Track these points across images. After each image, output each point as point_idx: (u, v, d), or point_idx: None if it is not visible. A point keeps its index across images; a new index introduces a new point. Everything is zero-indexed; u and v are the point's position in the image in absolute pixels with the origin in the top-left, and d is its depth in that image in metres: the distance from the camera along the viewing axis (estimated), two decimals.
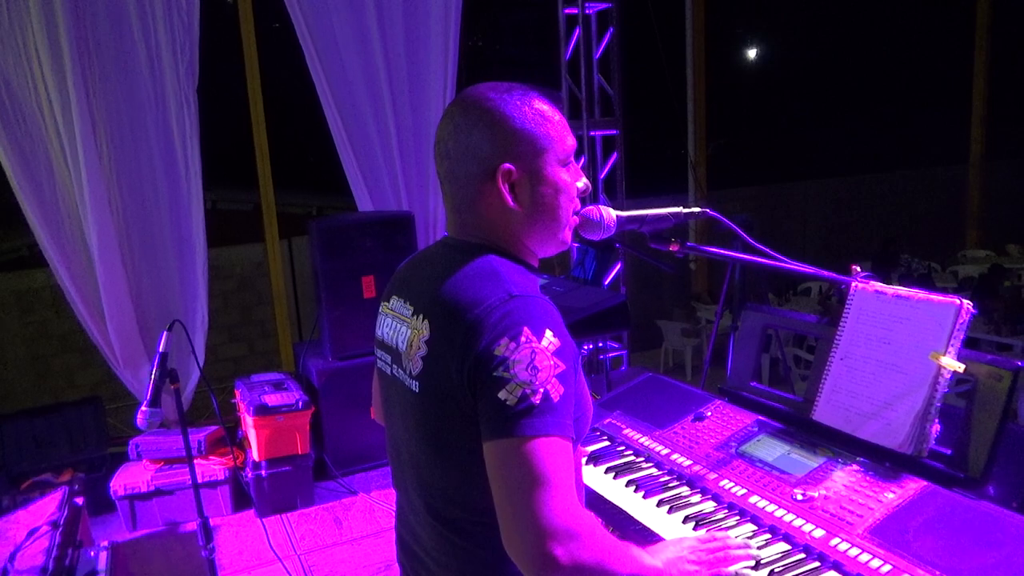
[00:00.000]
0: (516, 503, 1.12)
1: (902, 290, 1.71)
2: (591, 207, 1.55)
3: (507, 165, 1.26)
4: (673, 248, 1.66)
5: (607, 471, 1.88)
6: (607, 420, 2.12)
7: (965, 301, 1.59)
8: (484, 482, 1.17)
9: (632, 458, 1.92)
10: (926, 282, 7.50)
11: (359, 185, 5.29)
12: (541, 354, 1.14)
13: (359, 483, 4.40)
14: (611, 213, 1.57)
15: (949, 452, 1.57)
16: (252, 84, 5.41)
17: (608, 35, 5.57)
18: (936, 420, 1.58)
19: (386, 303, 1.44)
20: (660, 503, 1.70)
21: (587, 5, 5.41)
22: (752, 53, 10.54)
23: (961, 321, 1.59)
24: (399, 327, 1.36)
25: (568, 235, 1.38)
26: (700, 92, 8.22)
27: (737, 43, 10.38)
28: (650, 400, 2.15)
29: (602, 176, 5.68)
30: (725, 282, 3.12)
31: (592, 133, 5.56)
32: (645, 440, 1.97)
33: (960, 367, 1.55)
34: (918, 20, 10.26)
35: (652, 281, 7.75)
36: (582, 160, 5.65)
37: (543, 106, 1.30)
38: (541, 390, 1.13)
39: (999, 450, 1.63)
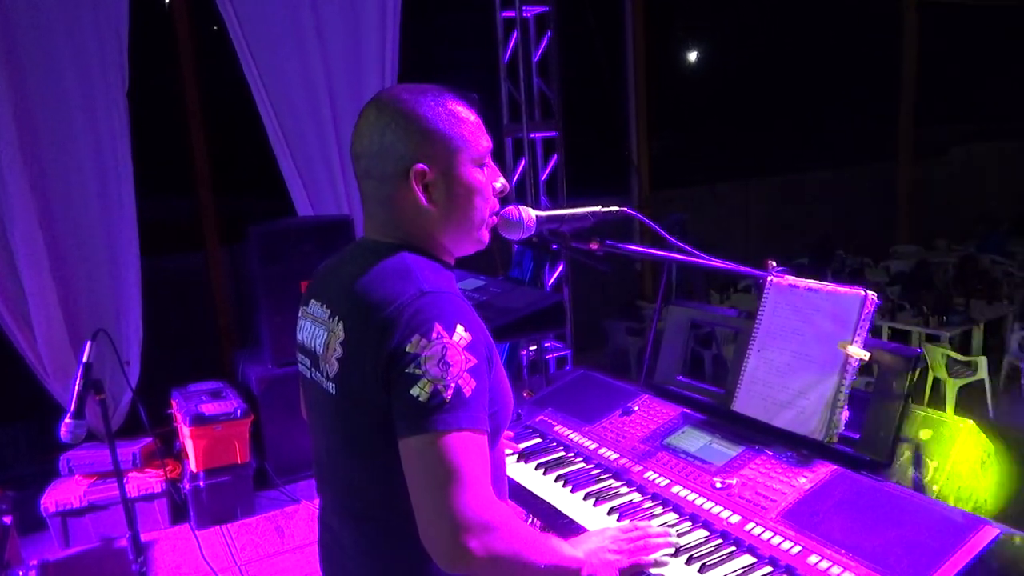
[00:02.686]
0: (430, 498, 1.13)
1: (813, 283, 1.78)
2: (510, 207, 1.58)
3: (420, 165, 1.27)
4: (593, 247, 1.70)
5: (537, 467, 1.90)
6: (539, 417, 2.15)
7: (870, 292, 1.66)
8: (403, 480, 1.18)
9: (562, 454, 1.95)
10: (858, 277, 7.75)
11: (298, 189, 5.23)
12: (452, 349, 1.16)
13: (302, 491, 4.34)
14: (530, 213, 1.60)
15: (857, 437, 1.63)
16: (189, 86, 5.31)
17: (546, 38, 5.62)
18: (845, 406, 1.64)
19: (305, 307, 1.44)
20: (587, 496, 1.73)
21: (524, 8, 5.46)
22: (693, 54, 10.73)
23: (866, 311, 1.65)
24: (317, 330, 1.36)
25: (485, 234, 1.40)
26: (641, 93, 8.35)
27: (678, 44, 10.56)
28: (581, 396, 2.18)
29: (543, 178, 5.73)
30: (662, 281, 3.18)
31: (532, 135, 5.61)
32: (575, 436, 2.00)
33: (866, 355, 1.62)
34: (849, 23, 10.61)
35: (598, 281, 7.83)
36: (522, 162, 5.69)
37: (457, 107, 1.32)
38: (453, 385, 1.14)
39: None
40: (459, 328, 1.18)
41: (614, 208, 1.71)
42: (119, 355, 2.76)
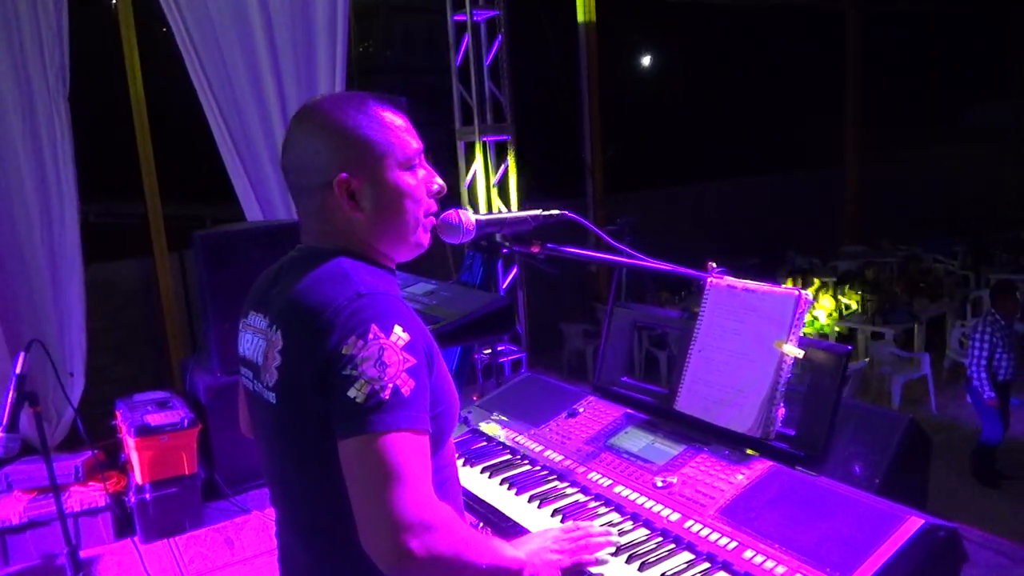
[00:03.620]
0: (369, 499, 1.13)
1: (750, 284, 1.81)
2: (450, 211, 1.58)
3: (343, 175, 1.27)
4: (534, 250, 1.71)
5: (483, 471, 1.90)
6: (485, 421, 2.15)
7: (804, 292, 1.70)
8: (345, 485, 1.17)
9: (508, 457, 1.95)
10: (806, 277, 7.93)
11: (247, 194, 5.15)
12: (390, 349, 1.15)
13: (252, 501, 4.27)
14: (470, 216, 1.60)
15: (793, 433, 1.67)
16: (135, 91, 5.20)
17: (497, 42, 5.64)
18: (781, 404, 1.68)
19: (244, 319, 1.42)
20: (532, 498, 1.74)
21: (475, 12, 5.47)
22: (646, 60, 10.88)
23: (800, 310, 1.69)
24: (257, 341, 1.35)
25: (423, 238, 1.39)
26: (595, 98, 8.42)
27: (631, 50, 10.70)
28: (527, 399, 2.19)
29: (496, 181, 5.74)
30: (612, 283, 3.22)
31: (484, 139, 5.62)
32: (521, 438, 2.01)
33: (800, 353, 1.66)
34: (796, 31, 10.87)
35: (554, 284, 7.87)
36: (475, 165, 5.69)
37: (381, 112, 1.32)
38: (390, 385, 1.14)
39: (859, 430, 1.76)
40: (397, 328, 1.18)
41: (555, 212, 1.72)
42: (55, 366, 2.68)
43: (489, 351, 5.44)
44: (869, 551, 1.32)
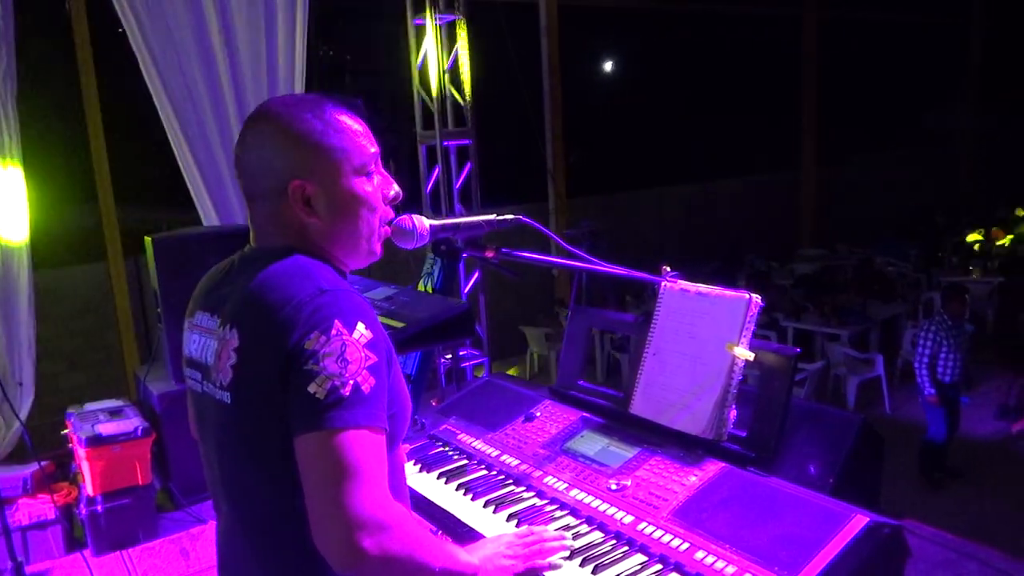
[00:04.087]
0: (324, 496, 1.11)
1: (702, 287, 1.84)
2: (404, 216, 1.57)
3: (297, 182, 1.26)
4: (488, 255, 1.71)
5: (439, 476, 1.90)
6: (443, 426, 2.14)
7: (754, 295, 1.73)
8: (299, 483, 1.15)
9: (465, 462, 1.95)
10: (765, 279, 8.06)
11: (203, 199, 5.06)
12: (352, 346, 1.15)
13: (208, 511, 4.19)
14: (424, 222, 1.60)
15: (744, 434, 1.70)
16: (88, 92, 5.08)
17: (458, 46, 5.64)
18: (733, 405, 1.70)
19: (191, 319, 1.40)
20: (487, 504, 1.73)
21: (436, 16, 5.46)
22: (608, 65, 10.96)
23: (751, 313, 1.71)
24: (206, 341, 1.32)
25: (377, 246, 1.38)
26: (557, 103, 8.47)
27: (592, 55, 10.77)
28: (485, 404, 2.19)
29: (457, 186, 5.73)
30: (573, 288, 3.24)
31: (445, 143, 5.61)
32: (478, 443, 2.01)
33: (750, 355, 1.68)
34: (755, 39, 11.06)
35: (517, 288, 7.89)
36: (436, 169, 5.68)
37: (337, 116, 1.30)
38: (351, 382, 1.13)
39: (814, 430, 1.79)
40: (360, 325, 1.17)
41: (509, 216, 1.72)
42: (0, 375, 2.60)
43: (451, 356, 5.42)
44: (816, 549, 1.34)
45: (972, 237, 10.42)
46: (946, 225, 11.85)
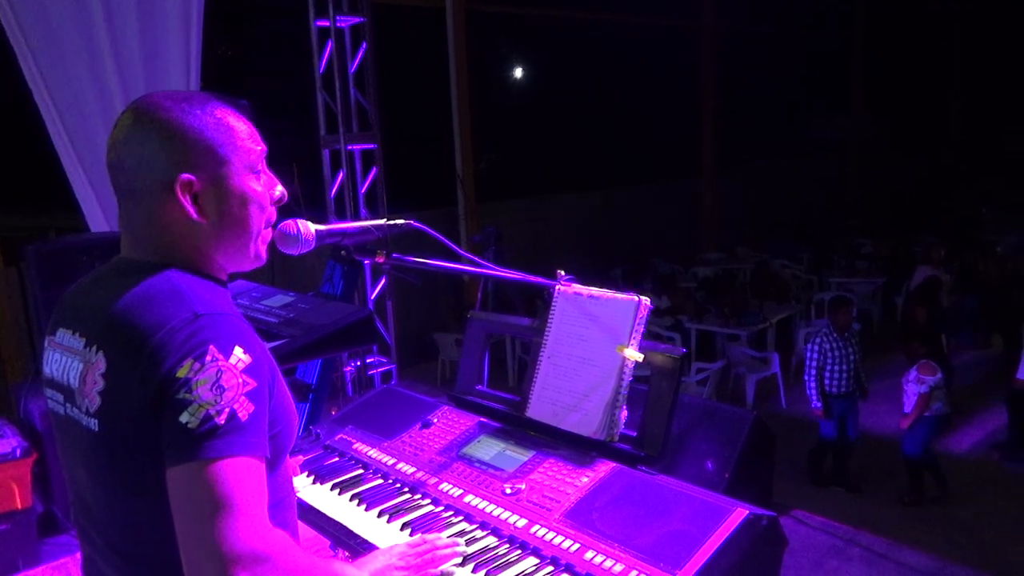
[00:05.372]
0: (197, 530, 1.06)
1: (595, 290, 1.87)
2: (288, 221, 1.53)
3: (186, 176, 1.20)
4: (379, 260, 1.68)
5: (333, 487, 1.85)
6: (338, 436, 2.10)
7: (643, 298, 1.77)
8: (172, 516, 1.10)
9: (360, 472, 1.91)
10: (670, 283, 8.30)
11: (90, 203, 4.79)
12: (229, 372, 1.10)
13: None
14: (310, 227, 1.56)
15: (635, 434, 1.73)
16: None
17: (362, 49, 5.56)
18: (624, 406, 1.74)
19: (52, 337, 1.31)
20: (381, 513, 1.71)
21: (339, 18, 5.36)
22: (517, 72, 11.06)
23: (640, 315, 1.76)
24: (69, 362, 1.24)
25: (262, 249, 1.34)
26: (465, 108, 8.48)
27: (501, 62, 10.84)
28: (382, 412, 2.16)
29: (363, 191, 5.65)
30: (479, 295, 3.24)
31: (350, 147, 5.52)
32: (373, 452, 1.97)
33: (640, 357, 1.72)
34: (658, 49, 11.40)
35: (428, 294, 7.84)
36: (341, 174, 5.58)
37: (225, 114, 1.26)
38: (227, 409, 1.09)
39: (711, 427, 1.85)
40: (237, 350, 1.12)
41: (400, 221, 1.71)
42: None
43: (359, 363, 5.33)
44: (699, 544, 1.38)
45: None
46: (835, 228, 12.53)
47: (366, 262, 1.66)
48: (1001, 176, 15.44)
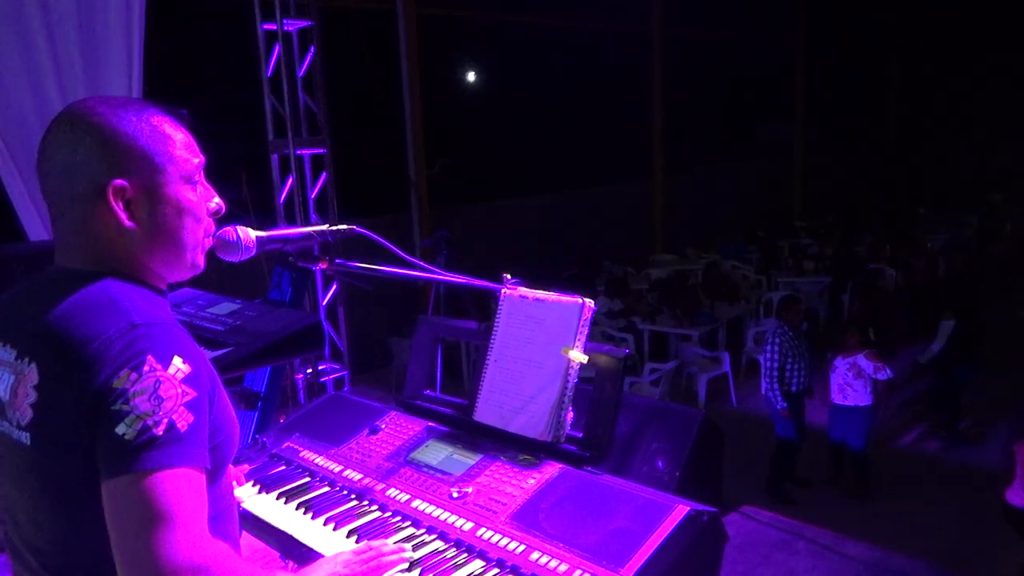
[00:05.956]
0: (134, 544, 1.04)
1: (540, 293, 1.89)
2: (227, 228, 1.52)
3: (119, 181, 1.18)
4: (322, 266, 1.67)
5: (279, 496, 1.83)
6: (285, 444, 2.07)
7: (587, 300, 1.79)
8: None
9: (307, 480, 1.89)
10: (622, 285, 8.40)
11: (27, 211, 4.64)
12: (167, 382, 1.08)
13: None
14: (250, 234, 1.55)
15: (580, 435, 1.75)
16: None
17: (310, 53, 5.51)
18: (570, 407, 1.76)
19: None
20: (327, 521, 1.69)
21: (286, 21, 5.30)
22: (470, 76, 11.07)
23: (584, 317, 1.78)
24: (1, 375, 1.21)
25: (200, 258, 1.32)
26: (418, 112, 8.46)
27: (454, 67, 10.84)
28: (330, 419, 2.14)
29: (313, 196, 5.59)
30: (431, 299, 3.24)
31: (299, 152, 5.46)
32: (320, 460, 1.96)
33: (584, 358, 1.74)
34: (609, 53, 11.54)
35: (382, 299, 7.78)
36: (290, 179, 5.51)
37: (162, 122, 1.25)
38: (165, 420, 1.07)
39: (661, 427, 1.87)
40: (176, 360, 1.10)
41: (343, 227, 1.70)
42: None
43: (311, 370, 5.27)
44: (641, 541, 1.40)
45: None
46: (782, 229, 12.83)
47: (312, 268, 1.65)
48: (937, 178, 16.05)
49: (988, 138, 16.57)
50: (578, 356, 1.75)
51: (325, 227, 1.67)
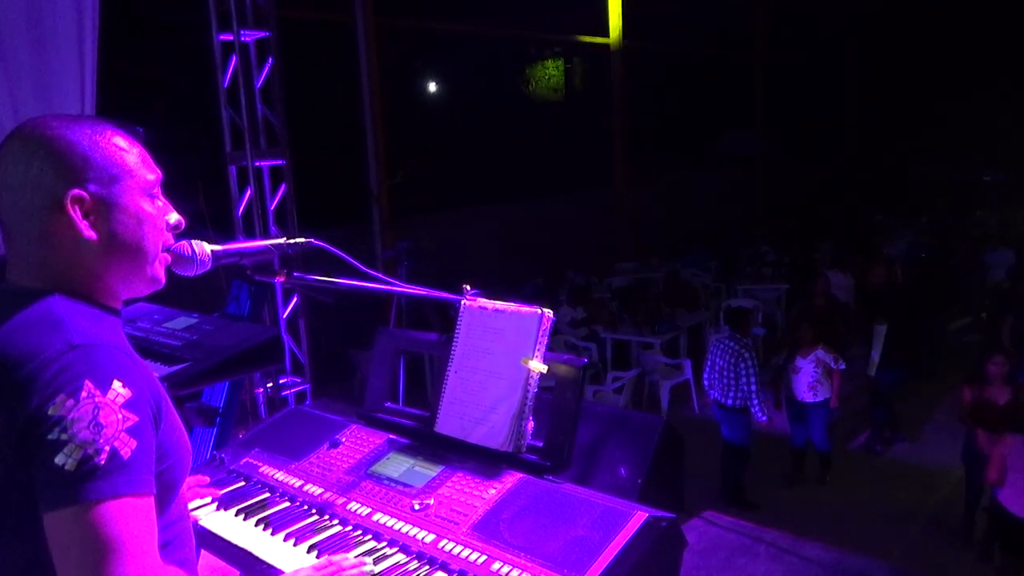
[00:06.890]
0: None
1: (499, 304, 1.90)
2: (182, 242, 1.50)
3: (77, 191, 1.16)
4: (279, 279, 1.67)
5: (237, 513, 1.81)
6: (244, 460, 2.04)
7: (546, 310, 1.81)
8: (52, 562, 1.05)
9: (266, 495, 1.87)
10: (585, 294, 8.45)
11: None
12: (107, 408, 1.05)
13: None
14: (205, 248, 1.53)
15: (541, 444, 1.77)
16: None
17: (268, 64, 5.47)
18: (530, 417, 1.77)
19: None
20: (287, 537, 1.68)
21: (243, 32, 5.26)
22: (432, 86, 11.08)
23: (543, 328, 1.79)
24: None
25: (159, 271, 1.30)
26: (379, 123, 8.43)
27: (415, 77, 10.83)
28: (290, 434, 2.12)
29: (272, 208, 5.53)
30: (391, 312, 3.22)
31: (257, 163, 5.40)
32: (280, 475, 1.94)
33: (544, 368, 1.76)
34: (570, 64, 11.66)
35: (345, 311, 7.71)
36: (248, 191, 5.45)
37: (117, 138, 1.24)
38: (107, 448, 1.04)
39: (623, 435, 1.89)
40: (116, 384, 1.07)
41: (300, 240, 1.69)
42: None
43: (271, 384, 5.20)
44: (601, 548, 1.42)
45: None
46: (742, 238, 13.05)
47: (271, 281, 1.64)
48: (895, 186, 16.50)
49: (938, 148, 17.10)
50: (538, 366, 1.76)
51: (282, 240, 1.66)
